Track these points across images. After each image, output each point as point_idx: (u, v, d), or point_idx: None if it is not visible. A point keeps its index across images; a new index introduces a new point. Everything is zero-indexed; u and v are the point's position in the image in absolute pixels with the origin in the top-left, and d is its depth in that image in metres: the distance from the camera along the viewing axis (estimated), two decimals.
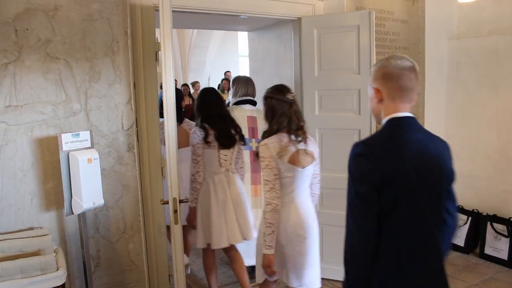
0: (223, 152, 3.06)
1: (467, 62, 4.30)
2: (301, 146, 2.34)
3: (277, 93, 2.38)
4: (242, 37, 11.54)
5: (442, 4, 4.32)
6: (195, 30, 12.09)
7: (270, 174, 2.29)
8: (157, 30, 2.74)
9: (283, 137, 2.32)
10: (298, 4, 3.56)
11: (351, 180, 1.52)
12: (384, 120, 1.58)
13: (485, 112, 4.20)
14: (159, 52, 2.61)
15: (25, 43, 2.41)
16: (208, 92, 3.29)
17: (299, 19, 3.57)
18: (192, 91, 10.62)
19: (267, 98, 2.41)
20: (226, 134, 3.06)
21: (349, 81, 3.39)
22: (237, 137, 3.13)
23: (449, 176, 1.61)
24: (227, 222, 3.06)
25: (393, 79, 1.54)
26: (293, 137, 2.33)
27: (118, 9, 2.66)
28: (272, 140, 2.31)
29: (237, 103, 3.67)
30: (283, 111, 2.33)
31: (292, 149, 2.30)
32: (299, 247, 2.36)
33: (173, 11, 2.47)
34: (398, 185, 1.46)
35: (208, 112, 3.09)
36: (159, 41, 2.57)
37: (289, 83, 3.83)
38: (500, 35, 4.03)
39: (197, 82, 11.38)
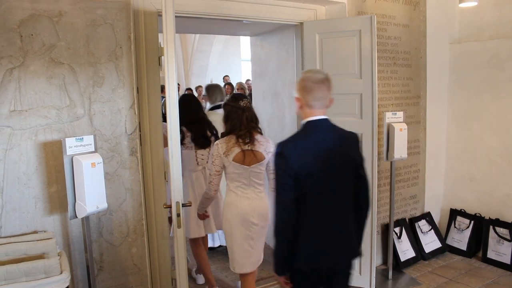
0: (200, 152, 3.43)
1: (469, 66, 4.31)
2: (247, 147, 2.69)
3: (233, 101, 2.78)
4: (245, 41, 11.58)
5: (443, 9, 4.34)
6: (198, 35, 12.14)
7: (213, 169, 2.75)
8: (160, 35, 2.76)
9: (232, 138, 2.70)
10: (300, 9, 3.58)
11: (276, 173, 1.99)
12: (302, 122, 2.04)
13: (487, 115, 4.21)
14: (162, 57, 2.63)
15: (30, 49, 2.44)
16: (186, 99, 3.61)
17: (301, 23, 3.59)
18: (195, 95, 10.72)
19: (225, 105, 2.84)
20: (202, 136, 3.39)
21: (351, 85, 3.40)
22: (212, 138, 3.48)
23: (354, 163, 2.06)
24: None
25: (308, 91, 1.98)
26: (240, 139, 2.68)
27: (121, 14, 2.69)
28: (221, 141, 2.73)
29: (212, 109, 4.19)
30: (236, 116, 2.71)
31: (237, 149, 2.67)
32: (249, 231, 2.74)
33: (176, 16, 2.50)
34: (307, 176, 1.93)
35: (186, 117, 3.31)
36: (162, 46, 2.59)
37: (291, 87, 3.87)
38: (501, 39, 4.04)
39: (200, 86, 11.43)
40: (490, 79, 4.14)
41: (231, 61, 13.66)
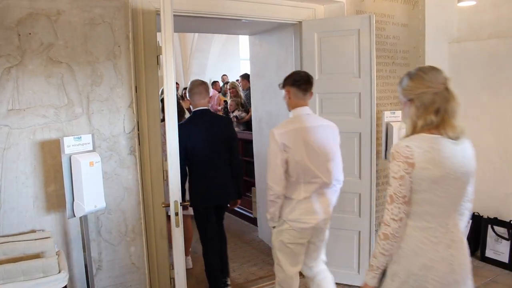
0: None
1: (467, 66, 4.32)
2: None
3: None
4: (244, 40, 11.57)
5: (442, 8, 4.33)
6: (197, 34, 12.13)
7: None
8: (158, 34, 2.76)
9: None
10: (299, 8, 3.58)
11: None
12: (193, 111, 3.32)
13: (485, 115, 4.21)
14: (161, 56, 2.63)
15: (28, 48, 2.43)
16: None
17: (300, 23, 3.59)
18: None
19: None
20: None
21: (350, 84, 3.41)
22: None
23: (227, 137, 3.28)
24: None
25: (193, 91, 3.28)
26: None
27: (120, 13, 2.69)
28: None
29: None
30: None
31: None
32: None
33: (174, 15, 2.49)
34: (194, 144, 3.14)
35: None
36: (160, 45, 2.59)
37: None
38: (500, 38, 4.04)
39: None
40: (489, 78, 4.15)
41: (230, 60, 13.64)
